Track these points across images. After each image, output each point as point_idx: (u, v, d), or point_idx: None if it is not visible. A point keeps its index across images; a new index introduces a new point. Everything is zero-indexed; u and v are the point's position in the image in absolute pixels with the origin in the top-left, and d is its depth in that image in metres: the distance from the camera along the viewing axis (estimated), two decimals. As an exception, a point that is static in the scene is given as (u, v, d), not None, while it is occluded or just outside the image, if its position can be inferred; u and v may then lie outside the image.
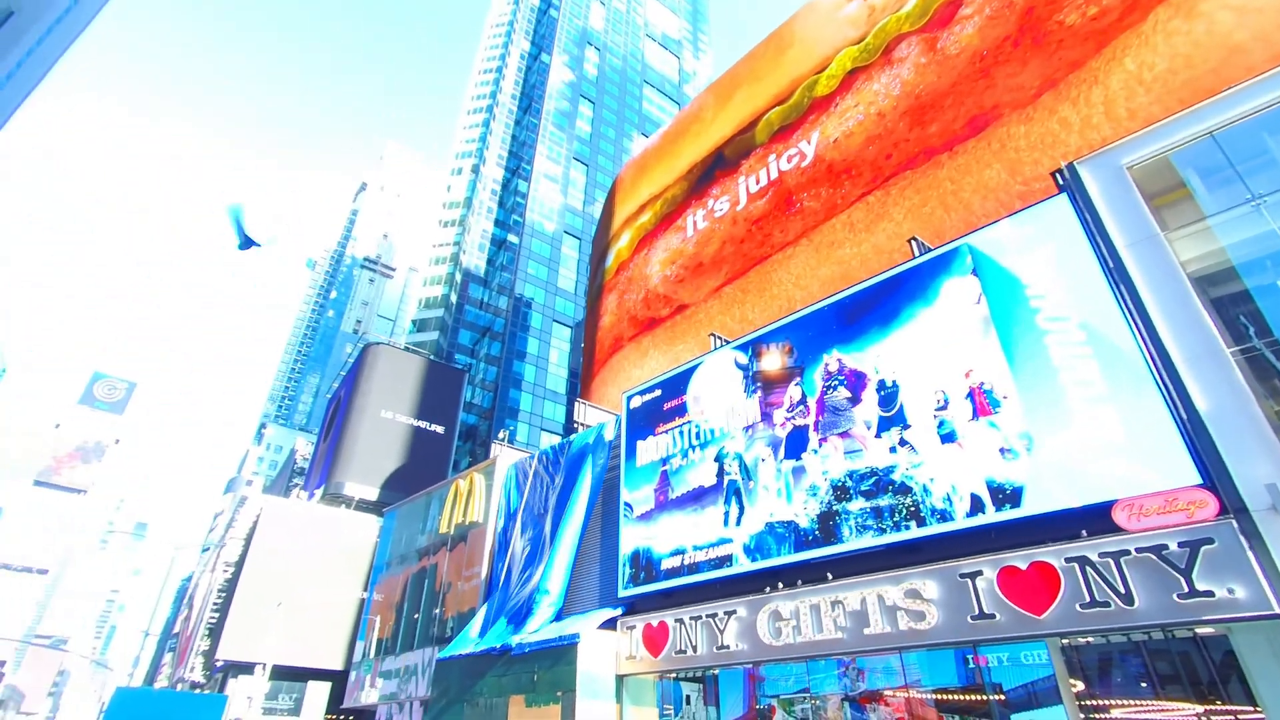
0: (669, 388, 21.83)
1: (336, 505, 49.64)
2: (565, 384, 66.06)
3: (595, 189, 79.01)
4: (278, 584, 39.99)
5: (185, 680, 51.01)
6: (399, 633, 32.41)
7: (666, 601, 18.79)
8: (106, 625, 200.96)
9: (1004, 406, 13.32)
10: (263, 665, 36.15)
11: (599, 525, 22.91)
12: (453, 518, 30.81)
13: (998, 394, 13.52)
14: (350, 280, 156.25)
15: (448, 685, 23.73)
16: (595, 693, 18.43)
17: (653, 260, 35.57)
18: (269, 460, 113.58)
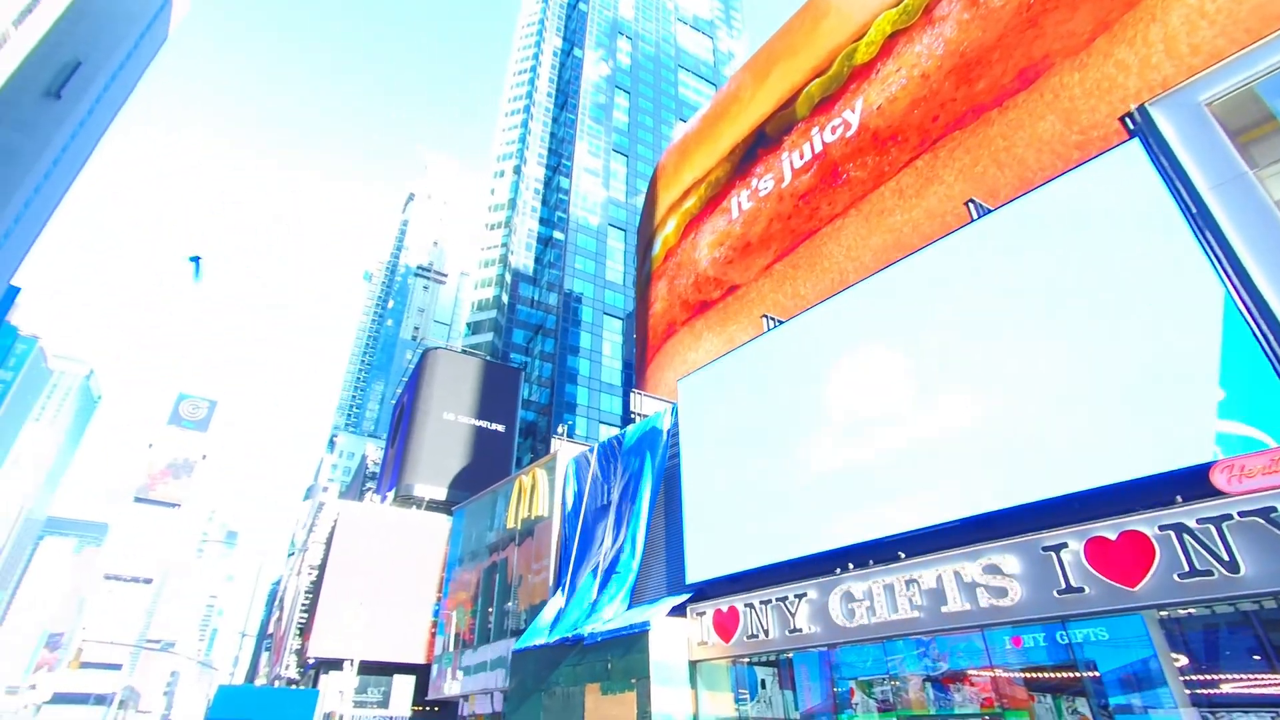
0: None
1: (408, 506, 51.38)
2: (620, 376, 66.43)
3: (637, 179, 78.92)
4: (359, 584, 41.74)
5: (282, 677, 53.93)
6: (476, 626, 33.34)
7: (735, 586, 18.66)
8: (208, 628, 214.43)
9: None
10: (350, 661, 37.85)
11: (662, 513, 22.94)
12: (518, 513, 31.43)
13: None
14: (405, 289, 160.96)
15: (524, 676, 24.27)
16: (669, 679, 18.50)
17: (700, 244, 35.26)
18: (342, 467, 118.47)
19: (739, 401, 20.65)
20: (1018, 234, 14.77)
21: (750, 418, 19.98)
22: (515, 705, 24.04)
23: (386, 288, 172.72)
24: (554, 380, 63.34)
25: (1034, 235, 14.41)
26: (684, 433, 22.34)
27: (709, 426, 21.48)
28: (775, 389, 19.54)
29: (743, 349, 21.40)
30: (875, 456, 15.87)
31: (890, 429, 15.72)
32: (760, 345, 20.78)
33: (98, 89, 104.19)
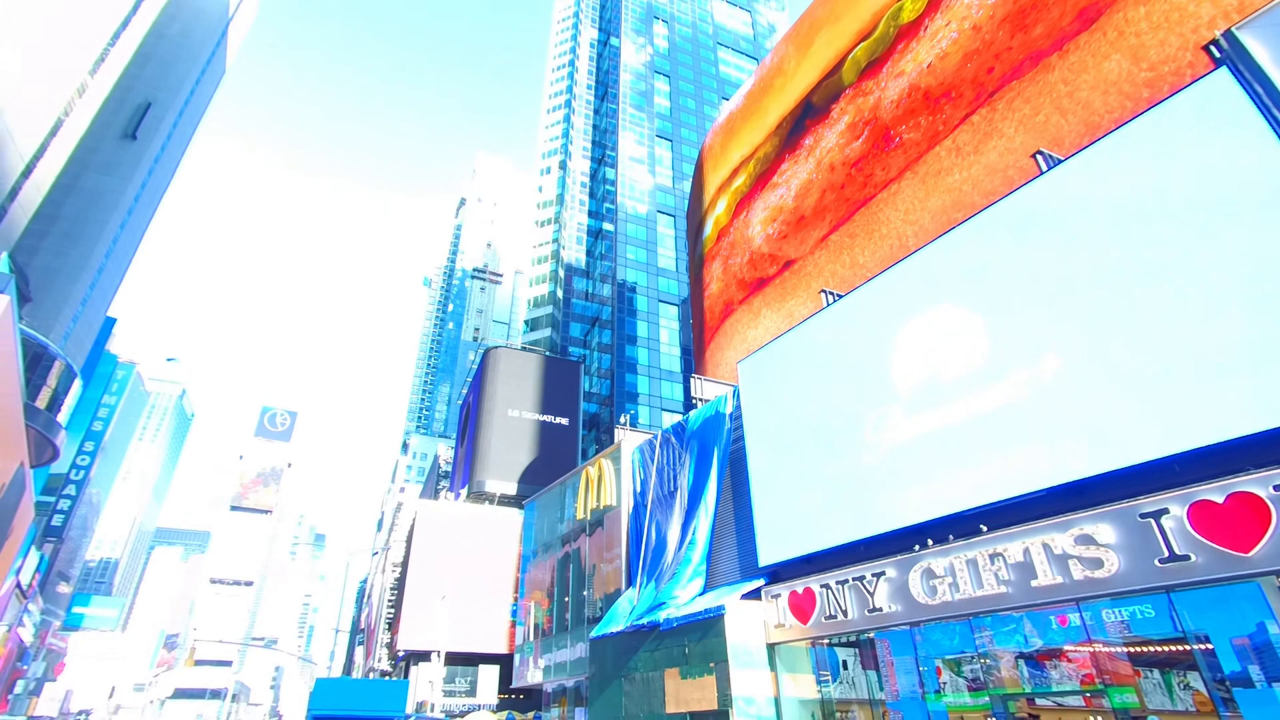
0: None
1: (481, 502, 52.84)
2: (679, 362, 66.20)
3: (682, 163, 78.13)
4: (440, 578, 43.24)
5: (375, 669, 56.59)
6: (554, 616, 34.05)
7: (809, 568, 18.37)
8: (305, 625, 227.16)
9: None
10: (437, 653, 39.29)
11: (730, 497, 22.78)
12: (587, 504, 31.83)
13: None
14: (464, 291, 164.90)
15: (603, 663, 24.64)
16: (748, 662, 18.42)
17: (753, 221, 34.67)
18: (417, 467, 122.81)
19: (802, 379, 20.23)
20: (1093, 181, 13.83)
21: (815, 394, 19.54)
22: (597, 691, 24.45)
23: (445, 292, 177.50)
24: (613, 371, 63.69)
25: (1112, 181, 13.46)
26: (747, 415, 22.06)
27: (772, 406, 21.13)
28: (839, 363, 19.03)
29: (802, 326, 20.91)
30: (950, 426, 15.25)
31: (965, 396, 15.06)
32: (821, 320, 20.27)
33: (168, 126, 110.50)
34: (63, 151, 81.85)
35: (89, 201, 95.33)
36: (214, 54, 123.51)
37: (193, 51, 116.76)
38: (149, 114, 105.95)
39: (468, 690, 41.88)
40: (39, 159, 76.43)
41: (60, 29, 74.29)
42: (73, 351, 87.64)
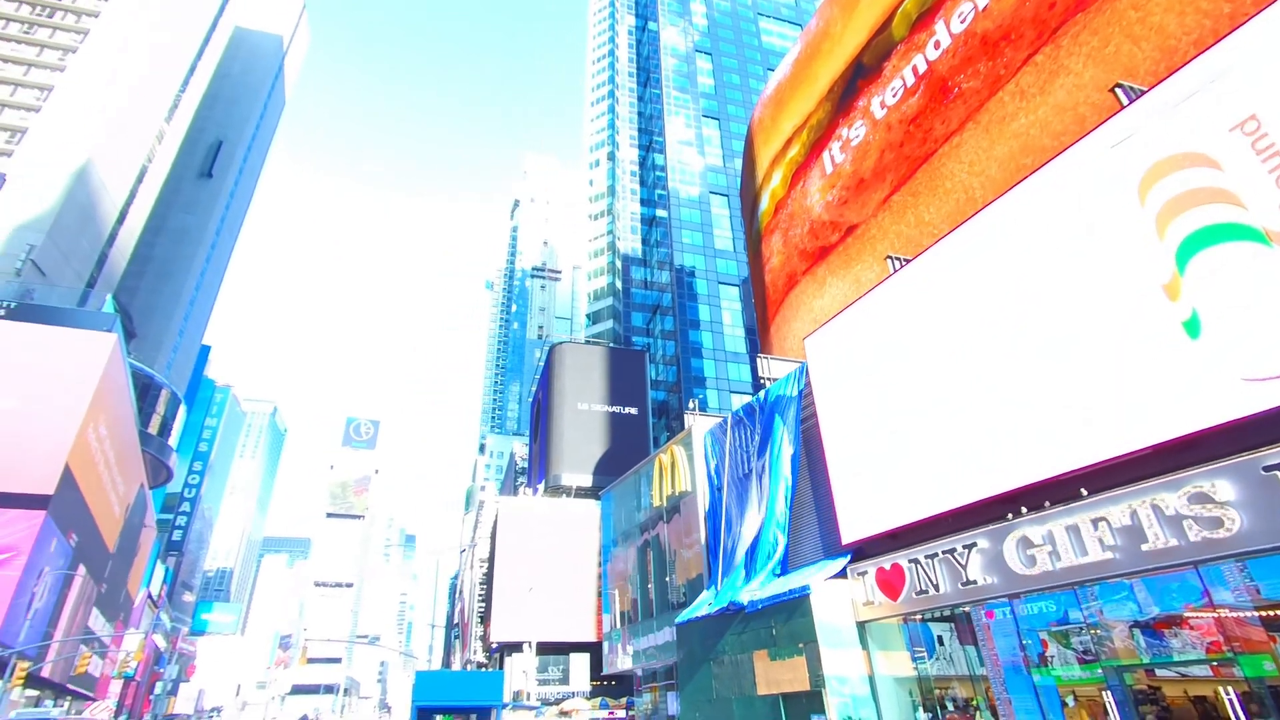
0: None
1: (558, 496, 53.91)
2: (744, 343, 65.31)
3: (732, 141, 76.70)
4: (526, 571, 44.44)
5: (472, 661, 58.82)
6: (639, 603, 34.42)
7: (895, 543, 17.82)
8: (404, 622, 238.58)
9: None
10: (528, 643, 40.44)
11: (806, 475, 22.35)
12: (662, 491, 31.93)
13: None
14: (525, 291, 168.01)
15: (691, 647, 24.74)
16: (838, 642, 18.09)
17: (811, 190, 33.65)
18: (494, 466, 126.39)
19: (874, 348, 19.56)
20: (1188, 108, 12.66)
21: (889, 363, 18.86)
22: (687, 675, 24.59)
23: (507, 293, 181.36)
24: (678, 357, 63.51)
25: (1212, 105, 12.29)
26: (818, 390, 21.54)
27: (844, 379, 20.54)
28: (913, 328, 18.29)
29: (869, 295, 20.20)
30: (1038, 385, 14.40)
31: (1055, 352, 14.17)
32: (889, 287, 19.51)
33: (239, 161, 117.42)
34: (149, 196, 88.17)
35: (176, 239, 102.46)
36: (273, 87, 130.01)
37: (254, 88, 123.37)
38: (221, 152, 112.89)
39: (561, 678, 42.98)
40: (130, 205, 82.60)
41: (137, 82, 79.68)
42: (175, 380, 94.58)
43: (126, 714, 60.62)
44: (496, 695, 17.60)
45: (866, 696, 17.38)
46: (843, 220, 30.64)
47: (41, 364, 37.32)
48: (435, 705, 18.62)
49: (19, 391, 35.84)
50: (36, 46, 74.21)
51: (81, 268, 72.22)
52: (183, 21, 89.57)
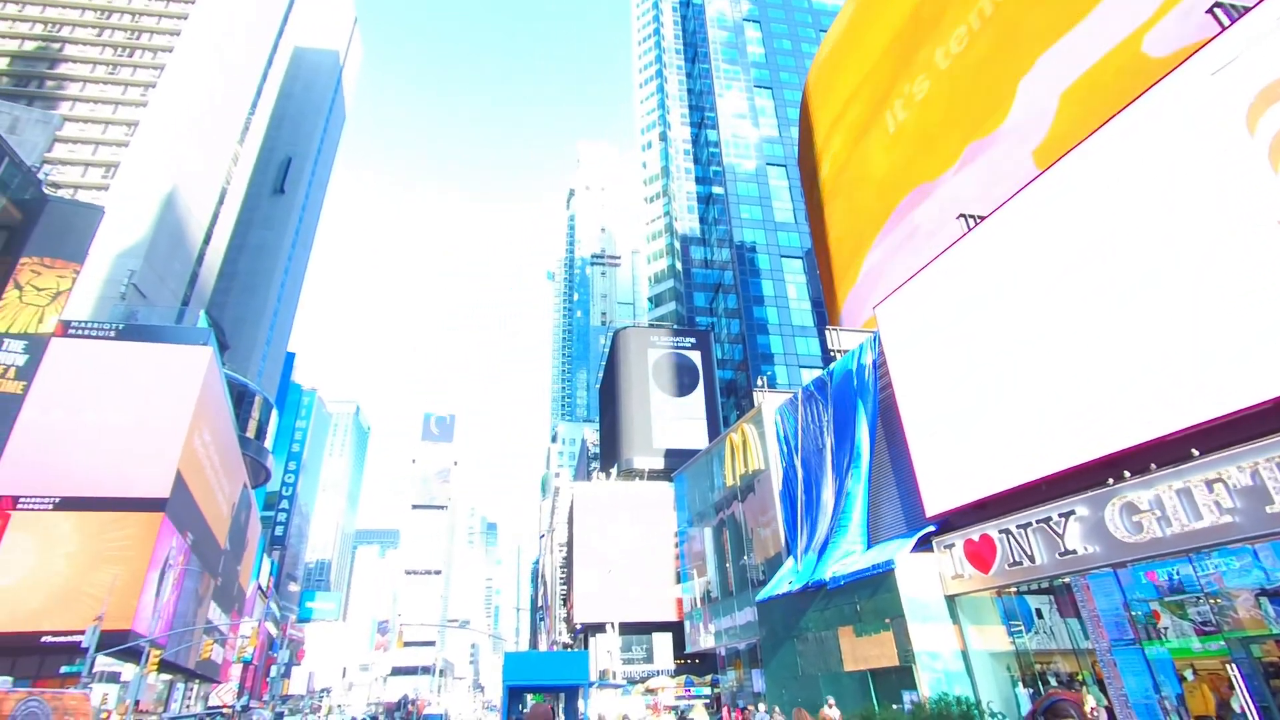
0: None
1: (631, 479, 54.43)
2: (811, 316, 63.74)
3: (786, 109, 74.48)
4: (604, 554, 45.21)
5: (557, 642, 60.50)
6: (718, 582, 34.46)
7: (983, 514, 17.08)
8: (491, 606, 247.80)
9: None
10: (611, 624, 41.19)
11: (885, 448, 21.70)
12: (735, 470, 31.71)
13: None
14: (586, 279, 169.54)
15: (773, 625, 24.59)
16: (926, 616, 17.58)
17: (873, 149, 32.22)
18: (567, 453, 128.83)
19: (951, 312, 18.69)
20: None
21: (967, 327, 17.99)
22: (770, 652, 24.48)
23: (569, 282, 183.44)
24: (743, 334, 62.65)
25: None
26: (892, 359, 20.80)
27: (920, 347, 19.74)
28: (991, 289, 17.34)
29: (944, 255, 19.27)
30: (1139, 338, 13.38)
31: (1156, 301, 13.11)
32: (964, 245, 18.56)
33: (308, 175, 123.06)
34: (230, 215, 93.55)
35: (257, 254, 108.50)
36: (333, 102, 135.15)
37: (316, 105, 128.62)
38: (290, 168, 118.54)
39: (645, 657, 43.66)
40: (214, 226, 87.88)
41: (211, 110, 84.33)
42: (266, 386, 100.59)
43: (247, 695, 65.63)
44: (583, 674, 17.99)
45: (961, 672, 16.84)
46: (910, 179, 29.29)
47: (148, 379, 40.34)
48: (525, 684, 19.20)
49: (131, 405, 38.90)
50: (121, 85, 79.44)
51: (176, 287, 77.48)
52: (247, 49, 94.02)
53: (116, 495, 36.47)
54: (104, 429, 37.39)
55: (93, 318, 54.53)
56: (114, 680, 37.93)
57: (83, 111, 76.27)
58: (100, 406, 37.78)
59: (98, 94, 78.14)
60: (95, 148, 74.98)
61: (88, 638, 27.54)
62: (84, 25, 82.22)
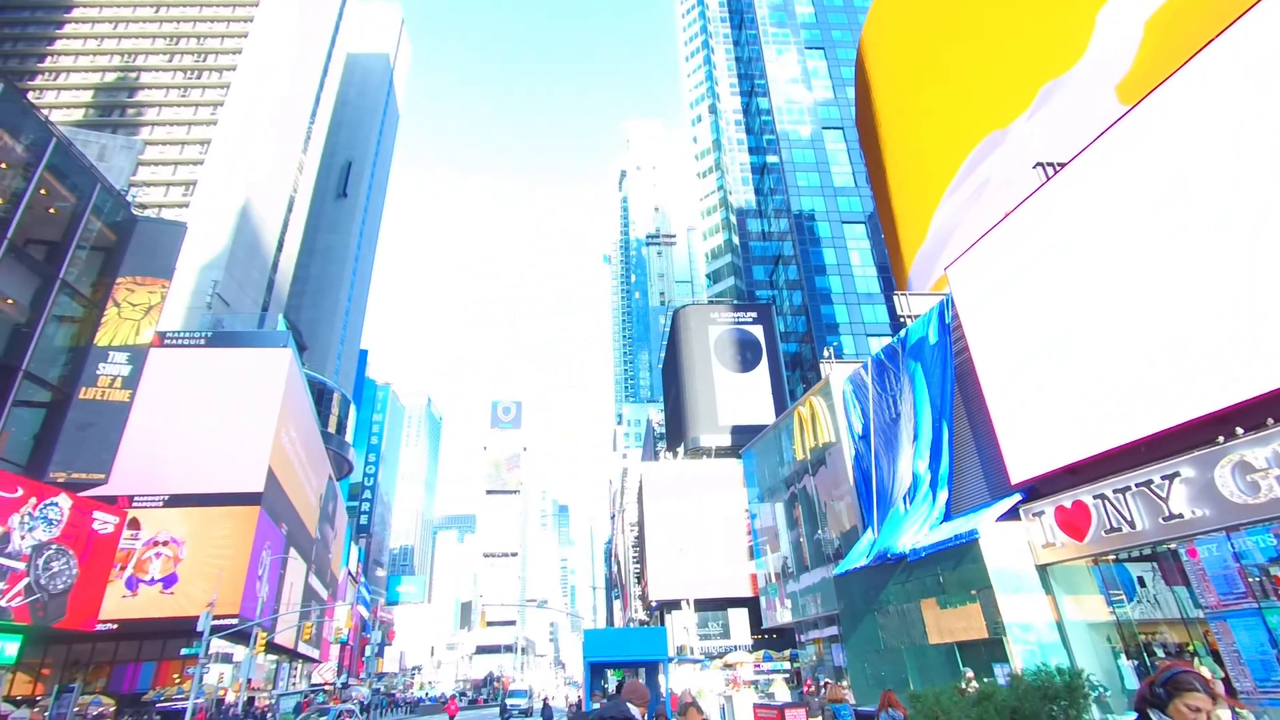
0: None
1: (698, 457, 54.40)
2: (877, 282, 61.58)
3: (840, 68, 71.51)
4: (675, 532, 45.48)
5: (634, 619, 61.51)
6: (792, 557, 34.14)
7: (1074, 479, 16.17)
8: (567, 586, 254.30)
9: None
10: (686, 600, 41.47)
11: (963, 414, 20.81)
12: (805, 444, 31.17)
13: None
14: (642, 260, 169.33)
15: (851, 598, 24.17)
16: (1016, 587, 16.87)
17: (938, 98, 30.40)
18: (633, 434, 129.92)
19: (1030, 269, 17.62)
20: None
21: (1050, 284, 16.93)
22: (850, 626, 24.11)
23: (625, 264, 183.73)
24: (806, 306, 61.23)
25: None
26: (967, 322, 19.84)
27: (998, 308, 18.73)
28: (1077, 238, 16.23)
29: (1021, 207, 18.14)
30: (1250, 281, 12.27)
31: (1271, 238, 11.97)
32: (1040, 198, 17.42)
33: (368, 177, 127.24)
34: (299, 222, 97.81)
35: (326, 257, 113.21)
36: (387, 103, 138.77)
37: (371, 108, 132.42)
38: (351, 172, 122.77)
39: (721, 633, 43.86)
40: (285, 233, 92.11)
41: (275, 122, 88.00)
42: (343, 383, 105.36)
43: (346, 673, 69.73)
44: (662, 650, 18.13)
45: (1056, 643, 16.10)
46: (982, 125, 27.64)
47: (236, 382, 42.88)
48: (606, 660, 19.54)
49: (223, 407, 41.47)
50: (192, 106, 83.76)
51: (255, 294, 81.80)
52: (304, 61, 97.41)
53: (216, 491, 39.11)
54: (201, 430, 40.05)
55: (184, 328, 58.26)
56: (227, 660, 40.90)
57: (160, 134, 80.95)
58: (196, 409, 40.46)
59: (172, 116, 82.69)
60: (174, 168, 79.53)
61: (202, 622, 29.72)
62: (155, 53, 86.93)
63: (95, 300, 26.81)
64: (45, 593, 21.21)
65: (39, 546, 21.10)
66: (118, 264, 27.62)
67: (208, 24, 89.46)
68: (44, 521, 21.35)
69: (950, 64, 29.57)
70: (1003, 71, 26.37)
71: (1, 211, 22.25)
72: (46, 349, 24.39)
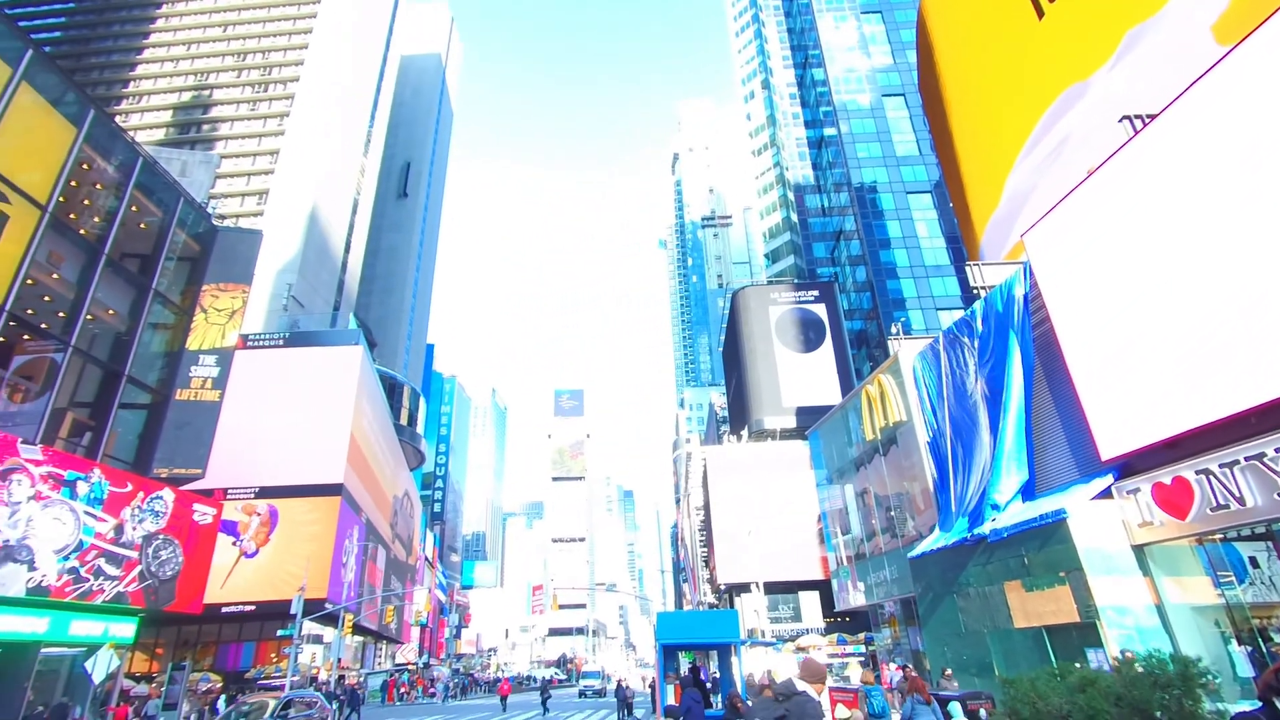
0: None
1: (763, 440, 53.80)
2: (946, 253, 58.90)
3: (899, 31, 68.37)
4: (742, 515, 45.21)
5: (702, 602, 61.70)
6: (864, 538, 33.41)
7: (1172, 453, 15.10)
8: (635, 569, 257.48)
9: None
10: (755, 583, 41.23)
11: (1046, 388, 19.75)
12: (874, 423, 30.32)
13: None
14: (698, 243, 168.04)
15: (929, 581, 23.47)
16: (1109, 568, 15.96)
17: (1009, 53, 28.43)
18: (695, 418, 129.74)
19: (1117, 228, 16.45)
20: None
21: (1140, 243, 15.76)
22: (929, 609, 23.42)
23: (681, 248, 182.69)
24: (870, 281, 59.29)
25: None
26: (1048, 290, 18.74)
27: (1081, 274, 17.60)
28: (1169, 195, 15.03)
29: (1103, 168, 16.94)
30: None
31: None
32: (1128, 154, 16.19)
33: (426, 175, 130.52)
34: (363, 223, 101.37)
35: (390, 256, 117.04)
36: (441, 102, 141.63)
37: (426, 108, 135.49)
38: (410, 171, 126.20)
39: (792, 616, 43.46)
40: (351, 235, 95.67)
41: (337, 129, 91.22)
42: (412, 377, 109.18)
43: (426, 654, 72.81)
44: (734, 632, 18.02)
45: (1156, 627, 15.18)
46: (1056, 82, 25.87)
47: (314, 379, 44.98)
48: (679, 643, 19.63)
49: (302, 403, 43.60)
50: (261, 119, 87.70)
51: (327, 295, 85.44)
52: (361, 67, 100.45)
53: (301, 483, 41.25)
54: (283, 426, 42.27)
55: (264, 330, 61.44)
56: (318, 642, 43.32)
57: (234, 148, 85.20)
58: (278, 406, 42.72)
59: (243, 130, 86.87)
60: (248, 179, 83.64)
61: (294, 605, 31.54)
62: (225, 70, 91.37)
63: (185, 307, 28.51)
64: (156, 579, 22.87)
65: (148, 537, 22.74)
66: (203, 272, 29.26)
67: (271, 39, 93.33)
68: (151, 514, 22.97)
69: (1020, 14, 27.75)
70: (1081, 18, 24.56)
71: (100, 229, 23.86)
72: (144, 355, 26.11)
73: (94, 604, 20.58)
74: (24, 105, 20.08)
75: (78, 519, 19.96)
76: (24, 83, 20.00)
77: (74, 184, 22.54)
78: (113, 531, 21.21)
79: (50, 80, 21.28)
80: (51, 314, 21.85)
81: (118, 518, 21.47)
